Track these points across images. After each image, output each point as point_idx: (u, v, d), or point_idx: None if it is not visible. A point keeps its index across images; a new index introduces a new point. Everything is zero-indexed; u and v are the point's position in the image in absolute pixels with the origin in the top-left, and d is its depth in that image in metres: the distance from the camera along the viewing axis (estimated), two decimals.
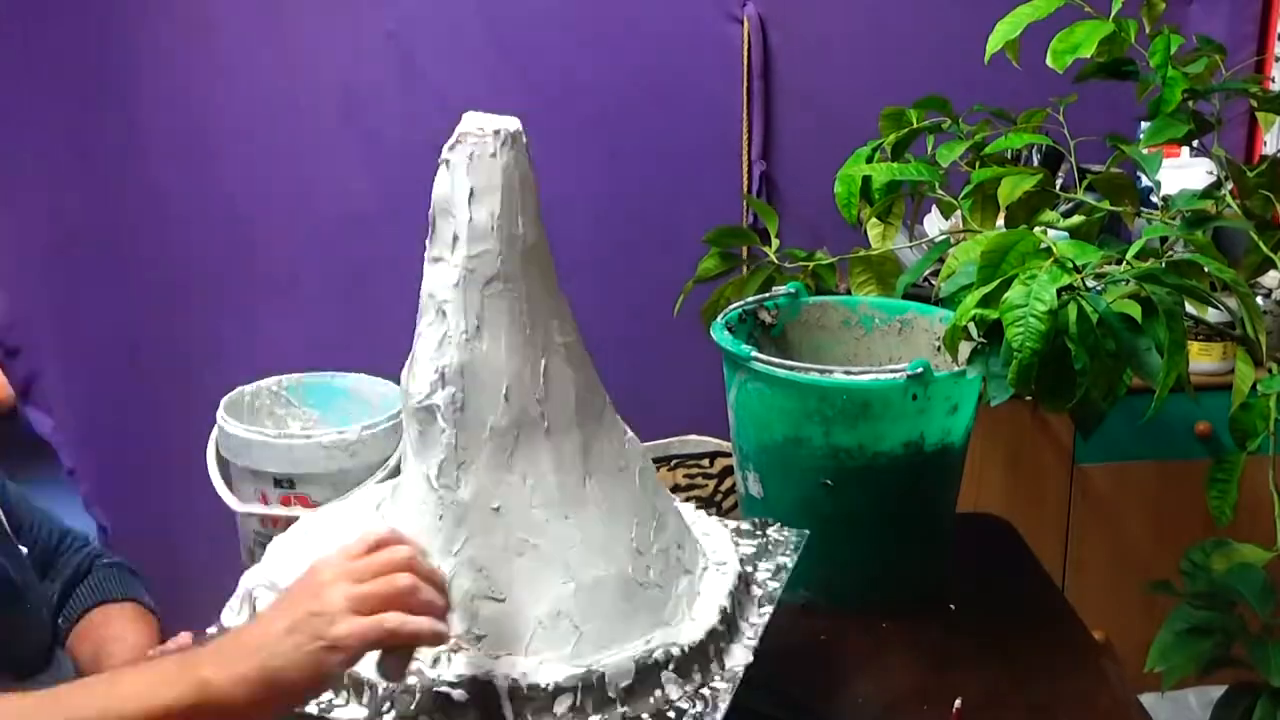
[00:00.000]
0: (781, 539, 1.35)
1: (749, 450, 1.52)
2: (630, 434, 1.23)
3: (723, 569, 1.23)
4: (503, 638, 1.09)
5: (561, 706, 1.06)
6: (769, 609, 1.23)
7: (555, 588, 1.11)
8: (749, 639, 1.18)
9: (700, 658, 1.12)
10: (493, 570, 1.11)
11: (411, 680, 1.05)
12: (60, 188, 2.45)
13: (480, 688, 1.06)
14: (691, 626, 1.14)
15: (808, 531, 1.36)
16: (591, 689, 1.07)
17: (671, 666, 1.10)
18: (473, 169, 1.10)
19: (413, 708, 1.05)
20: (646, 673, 1.09)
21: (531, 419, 1.13)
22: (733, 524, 1.37)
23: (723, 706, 1.08)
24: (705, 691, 1.10)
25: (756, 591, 1.26)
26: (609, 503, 1.16)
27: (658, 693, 1.09)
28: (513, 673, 1.06)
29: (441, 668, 1.07)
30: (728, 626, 1.17)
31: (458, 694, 1.05)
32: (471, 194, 1.10)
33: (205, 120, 2.48)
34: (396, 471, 1.71)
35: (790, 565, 1.30)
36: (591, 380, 1.19)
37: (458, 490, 1.12)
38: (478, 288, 1.11)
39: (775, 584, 1.27)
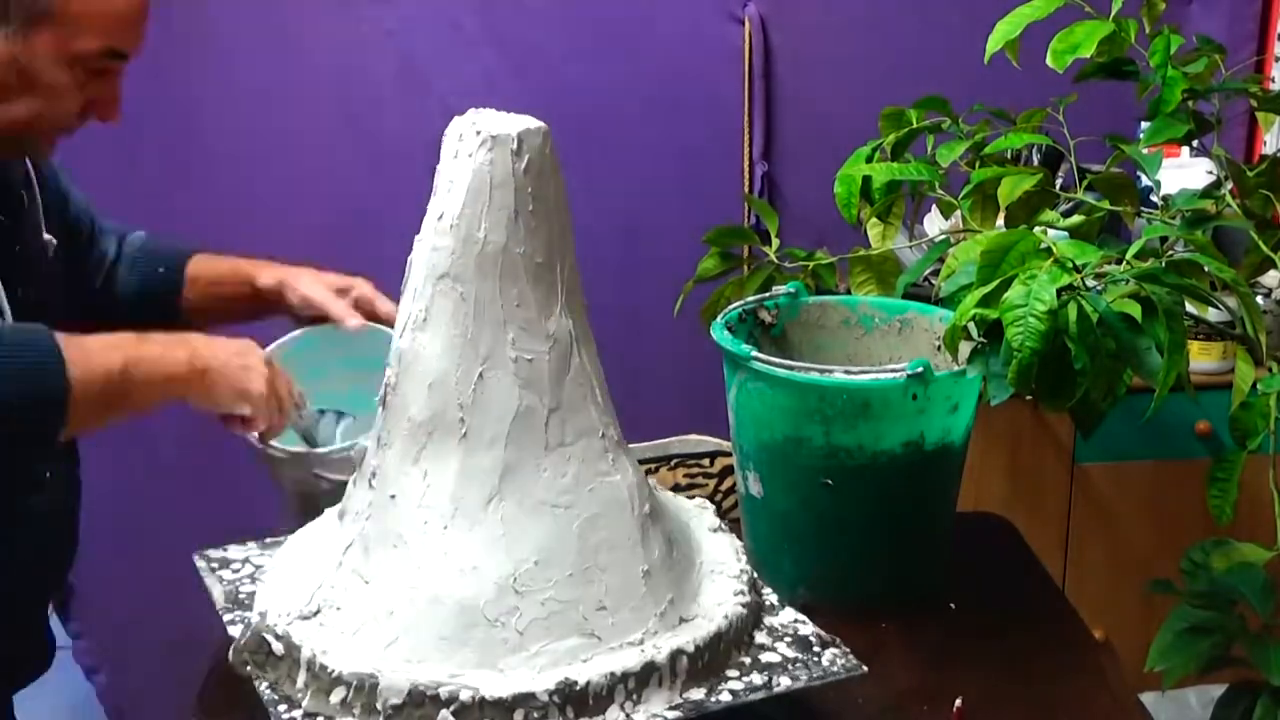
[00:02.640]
0: (824, 666, 1.17)
1: (749, 450, 1.52)
2: (617, 479, 1.16)
3: (647, 652, 1.11)
4: (349, 616, 1.12)
5: (336, 697, 1.08)
6: (674, 716, 1.08)
7: (401, 588, 1.12)
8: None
9: (498, 714, 1.05)
10: (372, 552, 1.14)
11: (255, 619, 1.14)
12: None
13: (292, 650, 1.10)
14: (512, 683, 1.06)
15: (865, 669, 1.18)
16: (362, 692, 1.07)
17: (452, 709, 1.05)
18: (452, 165, 1.12)
19: (243, 643, 1.11)
20: (423, 702, 1.05)
21: (449, 421, 1.13)
22: (810, 630, 1.21)
23: None
24: None
25: (694, 694, 1.11)
26: (510, 532, 1.12)
27: None
28: (320, 648, 1.10)
29: (282, 621, 1.13)
30: (567, 703, 1.06)
31: (277, 646, 1.10)
32: (444, 189, 1.13)
33: (203, 119, 2.47)
34: None
35: (781, 690, 1.14)
36: (565, 405, 1.14)
37: (369, 470, 1.17)
38: (431, 281, 1.13)
39: (727, 699, 1.11)
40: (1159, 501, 2.38)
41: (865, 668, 1.18)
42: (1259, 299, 2.23)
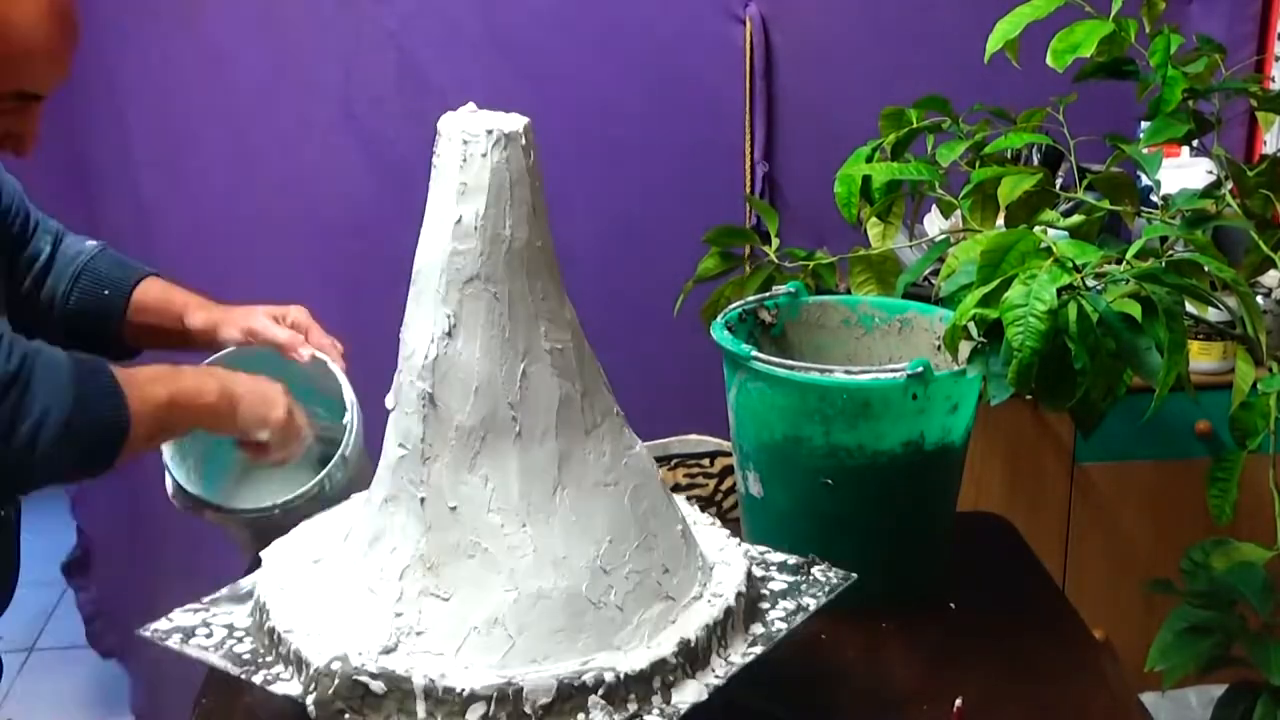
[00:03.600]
0: (822, 580, 1.30)
1: (749, 449, 1.52)
2: (638, 450, 1.21)
3: (715, 602, 1.19)
4: (439, 636, 1.10)
5: (474, 715, 1.05)
6: (758, 650, 1.18)
7: (497, 594, 1.10)
8: (714, 676, 1.14)
9: (640, 688, 1.09)
10: (442, 568, 1.12)
11: (335, 665, 1.07)
12: (52, 189, 2.44)
13: (398, 683, 1.06)
14: (641, 655, 1.11)
15: (855, 576, 1.31)
16: (507, 701, 1.05)
17: (601, 692, 1.07)
18: (462, 168, 1.11)
19: (331, 692, 1.06)
20: (571, 694, 1.06)
21: (501, 422, 1.12)
22: (779, 558, 1.33)
23: None
24: None
25: (757, 630, 1.21)
26: (580, 517, 1.14)
27: (580, 717, 1.06)
28: (432, 673, 1.06)
29: (366, 658, 1.08)
30: (688, 661, 1.13)
31: (376, 685, 1.06)
32: (455, 192, 1.11)
33: (203, 119, 2.47)
34: None
35: (814, 608, 1.25)
36: (589, 389, 1.18)
37: (419, 486, 1.13)
38: (458, 286, 1.12)
39: (783, 625, 1.22)
40: (1159, 501, 2.38)
41: (854, 575, 1.30)
42: (1259, 299, 2.23)
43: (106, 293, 1.57)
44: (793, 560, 1.33)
